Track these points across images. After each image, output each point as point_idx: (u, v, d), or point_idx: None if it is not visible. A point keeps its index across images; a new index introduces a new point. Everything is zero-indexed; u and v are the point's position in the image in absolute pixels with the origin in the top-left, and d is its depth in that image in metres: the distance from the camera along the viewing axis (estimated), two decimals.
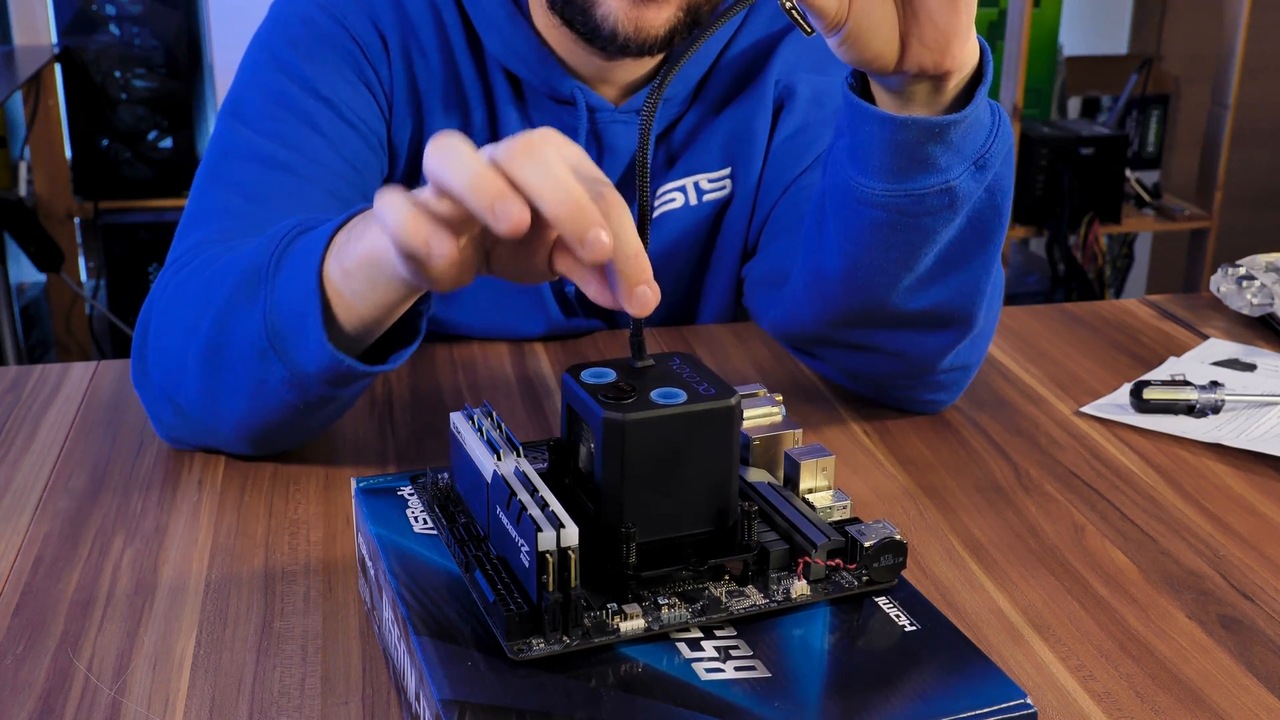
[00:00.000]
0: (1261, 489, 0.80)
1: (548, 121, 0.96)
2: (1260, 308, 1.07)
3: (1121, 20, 3.11)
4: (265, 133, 0.90)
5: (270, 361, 0.72)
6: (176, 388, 0.78)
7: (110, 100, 2.48)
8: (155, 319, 0.80)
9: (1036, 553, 0.73)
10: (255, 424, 0.76)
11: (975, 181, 0.75)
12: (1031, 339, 1.04)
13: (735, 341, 1.02)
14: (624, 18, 0.87)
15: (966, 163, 0.74)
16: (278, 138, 0.90)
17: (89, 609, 0.66)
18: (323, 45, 0.93)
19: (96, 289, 2.63)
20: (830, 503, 0.62)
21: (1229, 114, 2.43)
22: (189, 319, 0.77)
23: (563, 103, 0.96)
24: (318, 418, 0.78)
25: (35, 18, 2.44)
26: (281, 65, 0.92)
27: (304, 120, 0.91)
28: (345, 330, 0.70)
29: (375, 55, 0.94)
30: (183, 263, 0.83)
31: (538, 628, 0.52)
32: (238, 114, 0.92)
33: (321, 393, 0.73)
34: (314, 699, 0.59)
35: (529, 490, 0.55)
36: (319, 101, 0.92)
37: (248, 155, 0.89)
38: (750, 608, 0.55)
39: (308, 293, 0.69)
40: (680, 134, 1.00)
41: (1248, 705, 0.60)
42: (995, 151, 0.75)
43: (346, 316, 0.70)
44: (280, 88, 0.92)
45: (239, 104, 0.93)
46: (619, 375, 0.57)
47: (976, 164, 0.75)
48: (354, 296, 0.69)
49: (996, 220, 0.78)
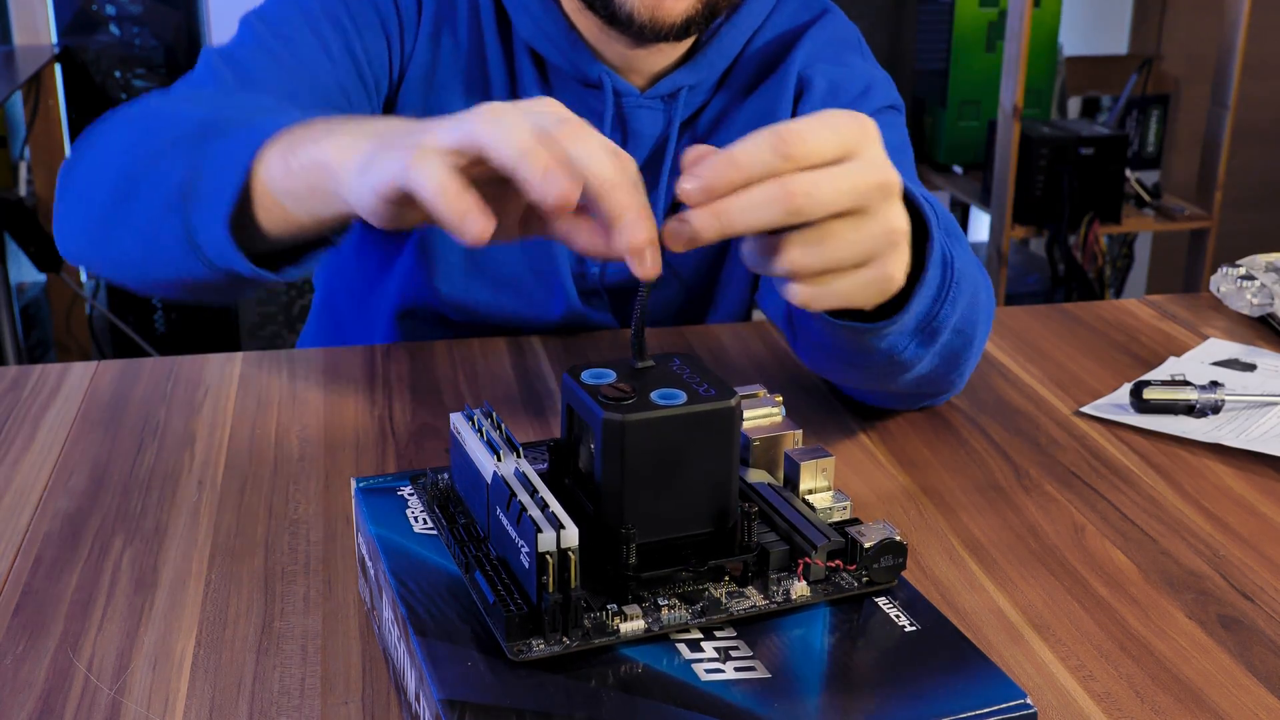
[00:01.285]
0: (1261, 489, 0.80)
1: (572, 105, 0.97)
2: (1260, 308, 1.07)
3: (1121, 20, 3.11)
4: (278, 34, 0.94)
5: (173, 215, 0.74)
6: (87, 199, 0.81)
7: (110, 100, 2.48)
8: (108, 125, 0.84)
9: (1036, 553, 0.73)
10: (140, 264, 0.79)
11: (925, 348, 0.74)
12: (1031, 339, 1.04)
13: (735, 341, 1.02)
14: (641, 5, 0.89)
15: (910, 338, 0.72)
16: (287, 41, 0.93)
17: (89, 609, 0.66)
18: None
19: (96, 289, 2.63)
20: (830, 504, 0.62)
21: (1229, 114, 2.43)
22: (126, 142, 0.80)
23: (589, 86, 0.98)
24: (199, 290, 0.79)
25: (35, 18, 2.44)
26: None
27: (317, 36, 0.94)
28: (261, 226, 0.72)
29: (408, 19, 0.97)
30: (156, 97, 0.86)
31: (538, 629, 0.52)
32: (261, 14, 0.96)
33: (205, 274, 0.75)
34: (314, 699, 0.59)
35: (529, 491, 0.55)
36: (337, 31, 0.95)
37: (256, 46, 0.93)
38: (750, 609, 0.55)
39: (234, 175, 0.71)
40: (705, 121, 1.02)
41: (1248, 705, 0.60)
42: (945, 315, 0.72)
43: (268, 217, 0.72)
44: (309, 4, 0.95)
45: (266, 8, 0.96)
46: (619, 376, 0.57)
47: (923, 333, 0.72)
48: (286, 197, 0.70)
49: (966, 346, 0.79)
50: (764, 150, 0.57)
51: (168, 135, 0.78)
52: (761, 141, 0.57)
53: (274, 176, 0.70)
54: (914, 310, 0.70)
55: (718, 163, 0.57)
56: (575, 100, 0.98)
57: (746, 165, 0.57)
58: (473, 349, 1.00)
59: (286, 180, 0.69)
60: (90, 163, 0.82)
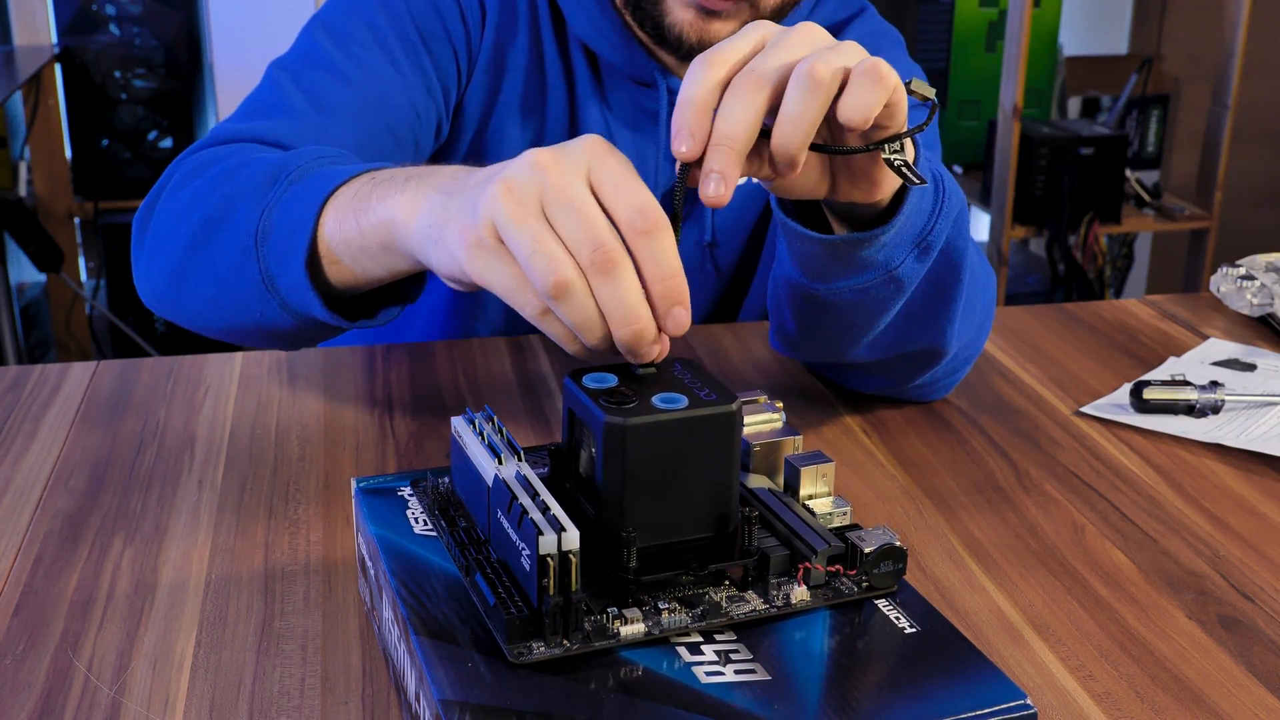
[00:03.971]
0: (1261, 489, 0.80)
1: (626, 102, 1.00)
2: (1260, 308, 1.07)
3: (1121, 20, 3.11)
4: (348, 52, 0.93)
5: (250, 260, 0.75)
6: (165, 246, 0.81)
7: (110, 100, 2.48)
8: (177, 176, 0.84)
9: (1036, 553, 0.73)
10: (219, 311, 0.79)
11: (920, 263, 0.74)
12: (1031, 339, 1.04)
13: (736, 344, 1.02)
14: (689, 30, 0.91)
15: (908, 251, 0.73)
16: (358, 60, 0.93)
17: (89, 609, 0.66)
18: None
19: (96, 289, 2.63)
20: (830, 509, 0.62)
21: (1229, 114, 2.43)
22: (203, 189, 0.80)
23: (642, 84, 0.99)
24: (278, 338, 0.80)
25: (35, 18, 2.44)
26: (384, 2, 0.96)
27: (386, 54, 0.94)
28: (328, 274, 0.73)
29: (473, 19, 0.98)
30: (229, 138, 0.86)
31: (538, 631, 0.52)
32: (327, 28, 0.95)
33: (283, 319, 0.75)
34: (314, 699, 0.59)
35: (530, 494, 0.55)
36: (405, 43, 0.95)
37: (326, 66, 0.92)
38: (750, 613, 0.55)
39: (307, 219, 0.72)
40: None
41: (1248, 705, 0.60)
42: (939, 229, 0.74)
43: (336, 271, 0.73)
44: (374, 17, 0.95)
45: (331, 19, 0.96)
46: (620, 380, 0.57)
47: (919, 247, 0.73)
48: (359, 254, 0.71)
49: (955, 275, 0.78)
50: (699, 73, 0.60)
51: (240, 179, 0.78)
52: (693, 71, 0.60)
53: (346, 232, 0.71)
54: (907, 212, 0.71)
55: (680, 112, 0.60)
56: (628, 98, 1.00)
57: (698, 95, 0.60)
58: (473, 349, 1.00)
59: (360, 238, 0.70)
60: (165, 211, 0.82)
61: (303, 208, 0.73)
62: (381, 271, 0.72)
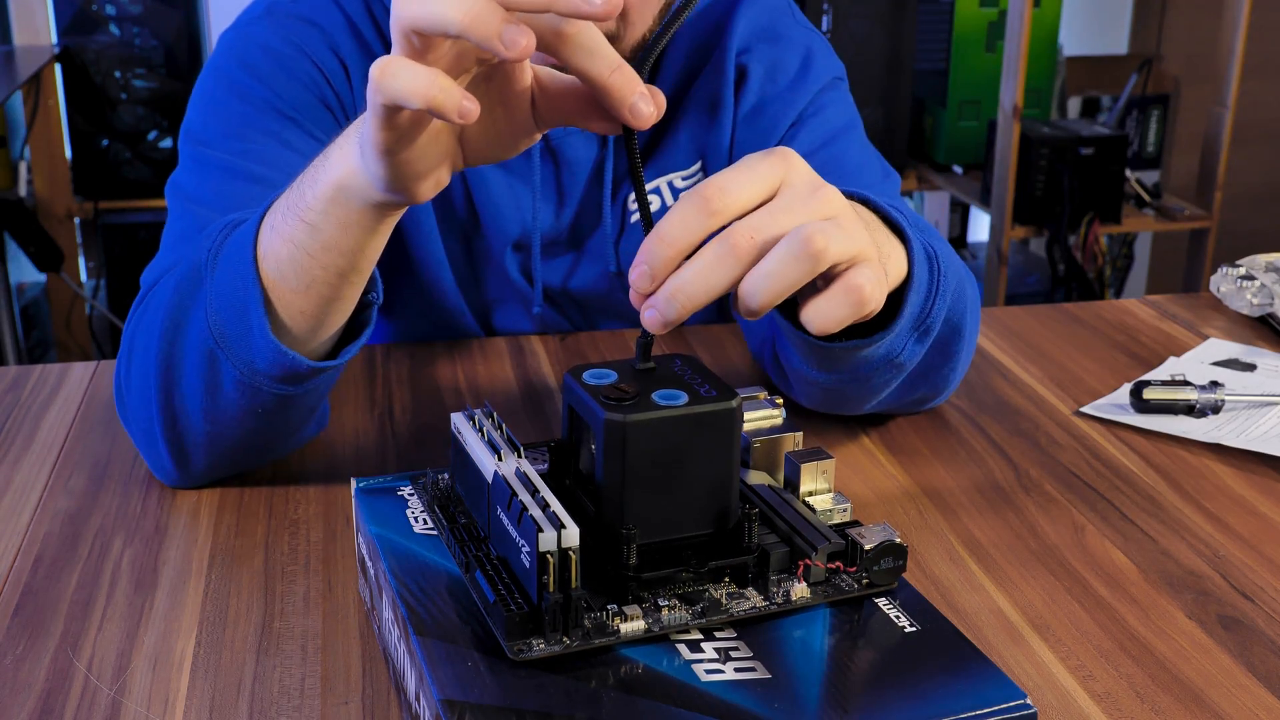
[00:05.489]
0: (1261, 489, 0.80)
1: None
2: (1260, 308, 1.07)
3: (1121, 20, 3.11)
4: (231, 149, 0.88)
5: (219, 362, 0.70)
6: (150, 416, 0.75)
7: (110, 100, 2.48)
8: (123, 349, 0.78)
9: (1036, 553, 0.73)
10: (217, 437, 0.74)
11: (921, 344, 0.74)
12: (1031, 339, 1.04)
13: (735, 342, 1.02)
14: None
15: (907, 338, 0.72)
16: (246, 155, 0.87)
17: (89, 609, 0.66)
18: (283, 70, 0.91)
19: (96, 289, 2.63)
20: (830, 505, 0.62)
21: (1229, 114, 2.43)
22: (147, 342, 0.75)
23: None
24: (279, 425, 0.75)
25: (35, 18, 2.44)
26: (243, 93, 0.90)
27: (271, 137, 0.89)
28: (289, 327, 0.69)
29: (337, 80, 0.93)
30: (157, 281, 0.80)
31: (538, 628, 0.52)
32: (201, 140, 0.89)
33: (274, 391, 0.71)
34: (314, 699, 0.59)
35: (530, 491, 0.55)
36: (284, 120, 0.90)
37: (218, 170, 0.87)
38: (750, 610, 0.55)
39: (247, 283, 0.68)
40: (644, 134, 0.98)
41: (1248, 705, 0.60)
42: (938, 310, 0.72)
43: (287, 310, 0.69)
44: (243, 113, 0.90)
45: (201, 131, 0.90)
46: (620, 376, 0.57)
47: (919, 331, 0.73)
48: (297, 274, 0.67)
49: (957, 336, 0.79)
50: (691, 215, 0.56)
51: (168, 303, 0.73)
52: (687, 208, 0.56)
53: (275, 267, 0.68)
54: (908, 311, 0.70)
55: (651, 245, 0.56)
56: None
57: (679, 237, 0.56)
58: (473, 349, 1.00)
59: (310, 235, 0.66)
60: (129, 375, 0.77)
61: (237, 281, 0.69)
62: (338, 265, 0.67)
